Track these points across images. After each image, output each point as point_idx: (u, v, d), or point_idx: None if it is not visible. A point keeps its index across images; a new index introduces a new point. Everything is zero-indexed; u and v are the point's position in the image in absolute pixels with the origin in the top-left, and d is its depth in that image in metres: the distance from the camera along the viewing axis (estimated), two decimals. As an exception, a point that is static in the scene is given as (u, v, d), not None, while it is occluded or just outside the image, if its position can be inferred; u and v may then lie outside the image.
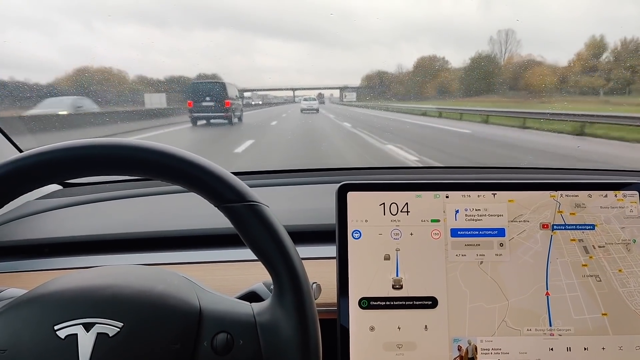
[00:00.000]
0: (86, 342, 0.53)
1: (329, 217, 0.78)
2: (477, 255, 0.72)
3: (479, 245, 0.72)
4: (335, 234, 0.72)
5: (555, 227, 0.73)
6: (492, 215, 0.73)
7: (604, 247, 0.73)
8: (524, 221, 0.73)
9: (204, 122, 9.64)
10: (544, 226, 0.73)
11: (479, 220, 0.73)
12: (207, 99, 9.80)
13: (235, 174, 0.60)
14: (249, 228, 0.57)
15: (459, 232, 0.73)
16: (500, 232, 0.73)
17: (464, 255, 0.72)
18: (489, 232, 0.73)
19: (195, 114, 9.68)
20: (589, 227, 0.73)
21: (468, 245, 0.72)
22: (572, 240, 0.73)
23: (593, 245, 0.73)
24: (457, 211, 0.73)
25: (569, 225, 0.73)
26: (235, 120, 10.40)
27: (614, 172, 1.50)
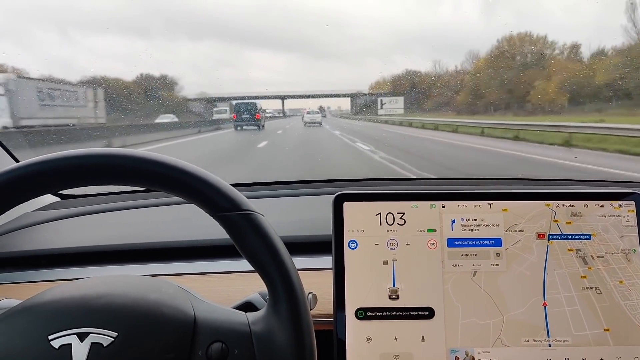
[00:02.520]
0: (80, 352, 0.52)
1: (325, 228, 0.78)
2: (474, 265, 0.72)
3: (476, 255, 0.72)
4: (331, 245, 0.72)
5: (551, 237, 0.73)
6: (488, 225, 0.73)
7: (603, 257, 0.72)
8: (519, 231, 0.73)
9: (240, 129, 15.26)
10: (540, 236, 0.73)
11: (475, 230, 0.73)
12: (245, 113, 15.56)
13: (231, 185, 0.60)
14: (244, 237, 0.57)
15: (455, 242, 0.72)
16: (497, 242, 0.72)
17: (461, 265, 0.72)
18: (486, 242, 0.72)
19: (238, 123, 15.52)
20: (586, 236, 0.73)
21: (465, 255, 0.72)
22: (569, 250, 0.72)
23: (592, 256, 0.72)
24: (453, 221, 0.73)
25: (565, 235, 0.73)
26: (261, 127, 15.67)
27: (610, 183, 1.50)
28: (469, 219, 0.73)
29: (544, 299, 0.71)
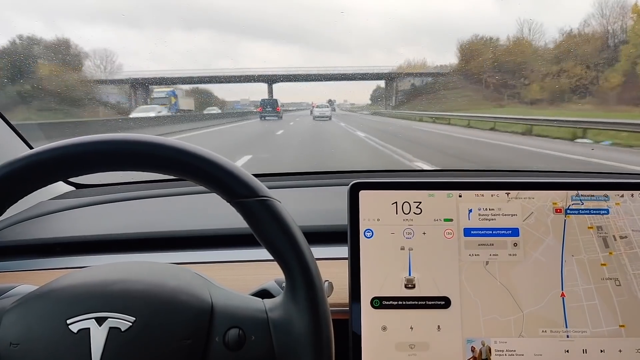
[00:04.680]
0: (98, 336, 0.53)
1: (341, 218, 0.77)
2: (491, 255, 0.71)
3: (493, 245, 0.71)
4: (346, 234, 0.72)
5: (569, 211, 0.71)
6: (505, 215, 0.72)
7: (625, 238, 0.71)
8: (529, 198, 0.71)
9: (263, 119, 19.40)
10: (557, 211, 0.71)
11: (492, 219, 0.72)
12: (269, 107, 19.76)
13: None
14: (261, 223, 0.57)
15: (472, 232, 0.72)
16: (514, 232, 0.71)
17: (477, 255, 0.71)
18: (503, 231, 0.72)
19: (263, 114, 19.72)
20: (605, 211, 0.71)
21: (481, 245, 0.71)
22: (589, 227, 0.71)
23: (613, 235, 0.71)
24: (470, 210, 0.72)
25: (583, 210, 0.71)
26: (280, 118, 19.95)
27: (635, 176, 1.48)
28: (486, 209, 0.72)
29: (562, 290, 0.70)
